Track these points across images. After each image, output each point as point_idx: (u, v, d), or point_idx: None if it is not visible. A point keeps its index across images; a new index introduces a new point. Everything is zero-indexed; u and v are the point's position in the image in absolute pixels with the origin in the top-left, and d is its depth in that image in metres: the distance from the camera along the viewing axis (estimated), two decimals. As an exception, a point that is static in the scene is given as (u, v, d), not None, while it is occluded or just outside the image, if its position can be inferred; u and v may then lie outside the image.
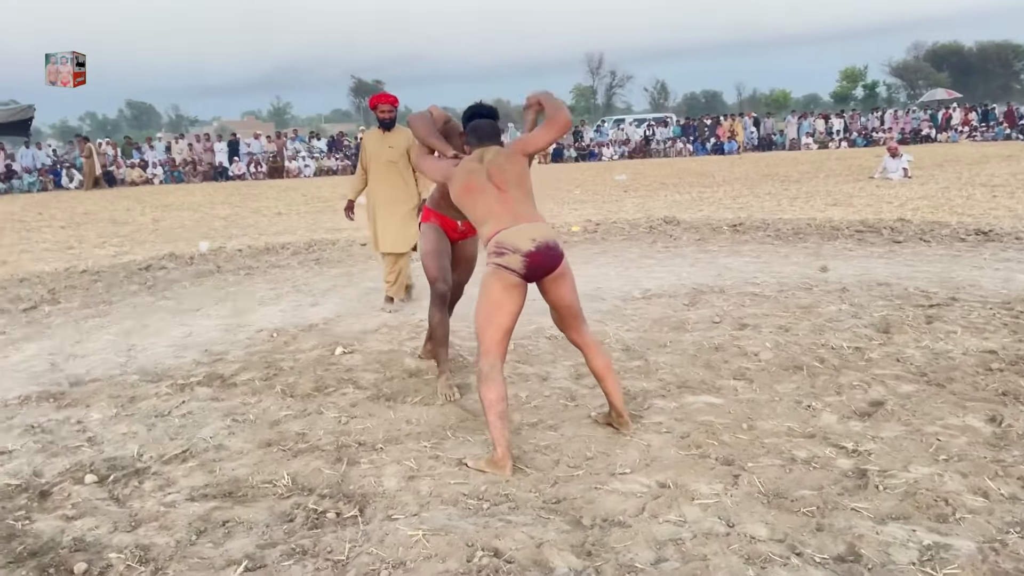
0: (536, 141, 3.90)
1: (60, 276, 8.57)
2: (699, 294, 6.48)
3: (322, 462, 3.44)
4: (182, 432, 3.87)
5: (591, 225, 11.11)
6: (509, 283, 3.47)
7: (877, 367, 4.50)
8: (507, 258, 3.46)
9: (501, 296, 3.47)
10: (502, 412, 3.36)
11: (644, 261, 8.30)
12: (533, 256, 3.46)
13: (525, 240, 3.47)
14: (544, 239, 3.50)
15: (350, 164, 28.47)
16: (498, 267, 3.47)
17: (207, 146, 28.02)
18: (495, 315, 3.47)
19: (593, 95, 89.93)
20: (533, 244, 3.46)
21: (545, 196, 16.18)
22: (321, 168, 28.11)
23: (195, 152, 27.98)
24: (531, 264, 3.46)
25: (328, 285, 7.66)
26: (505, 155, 3.78)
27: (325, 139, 31.19)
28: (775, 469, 3.25)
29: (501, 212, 3.57)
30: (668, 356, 4.81)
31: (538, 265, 3.48)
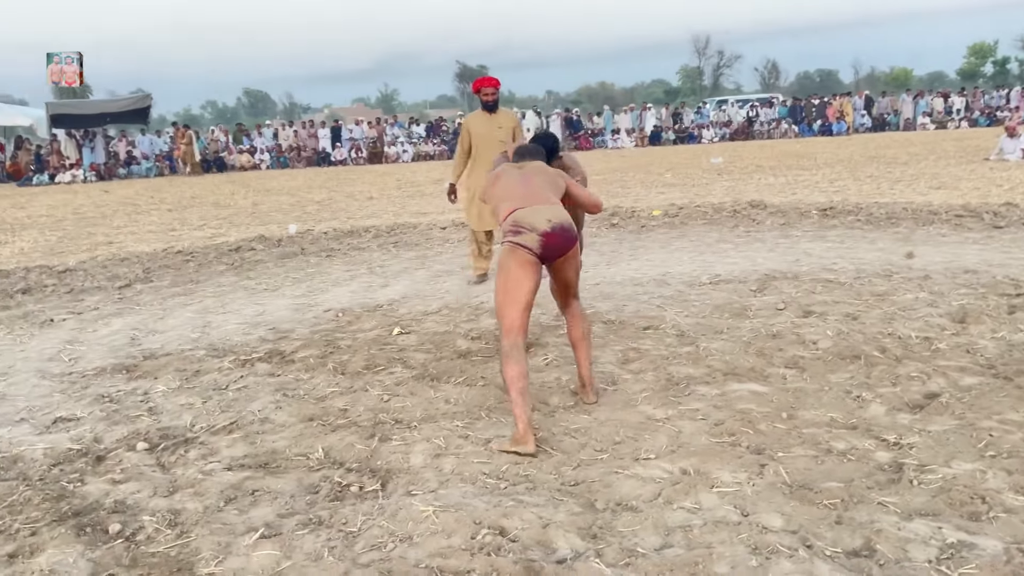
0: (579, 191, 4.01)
1: (157, 256, 9.05)
2: (770, 280, 6.30)
3: (356, 437, 3.54)
4: (234, 405, 4.05)
5: (674, 209, 10.92)
6: (525, 260, 3.55)
7: (942, 358, 4.28)
8: (524, 236, 3.54)
9: (519, 273, 3.54)
10: (523, 388, 3.39)
11: (721, 246, 8.11)
12: (549, 236, 3.54)
13: (542, 220, 3.55)
14: (560, 221, 3.58)
15: (447, 149, 28.84)
16: (514, 245, 3.55)
17: (311, 132, 28.91)
18: (514, 292, 3.53)
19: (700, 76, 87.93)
20: (549, 225, 3.54)
21: (634, 180, 16.01)
22: (419, 153, 28.58)
23: (300, 138, 28.91)
24: (547, 244, 3.55)
25: (401, 267, 7.81)
26: (555, 172, 3.95)
27: (424, 124, 31.64)
28: (806, 460, 3.15)
29: (521, 193, 3.70)
30: (722, 343, 4.70)
31: (554, 245, 3.57)
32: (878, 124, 32.48)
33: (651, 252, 7.97)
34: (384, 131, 29.72)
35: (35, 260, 9.31)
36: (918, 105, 32.56)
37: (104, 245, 10.42)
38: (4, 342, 5.61)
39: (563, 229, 3.57)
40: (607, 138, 31.68)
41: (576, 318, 3.92)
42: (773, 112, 34.31)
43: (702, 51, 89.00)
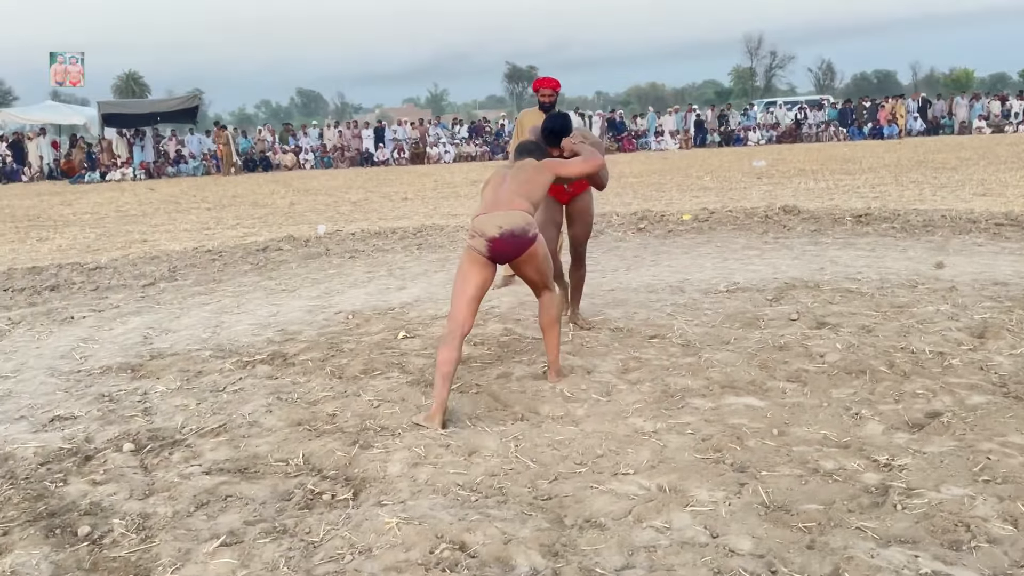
0: (569, 169, 4.42)
1: (186, 255, 9.19)
2: (789, 289, 6.14)
3: (339, 444, 3.53)
4: (227, 407, 4.07)
5: (705, 213, 10.75)
6: (476, 260, 3.96)
7: (953, 375, 4.12)
8: (475, 241, 3.95)
9: (468, 270, 3.97)
10: (446, 373, 3.76)
11: (746, 252, 7.95)
12: (496, 242, 3.91)
13: (493, 227, 3.90)
14: (510, 227, 3.90)
15: (488, 150, 28.87)
16: (468, 247, 4.01)
17: (355, 133, 29.18)
18: (462, 286, 3.95)
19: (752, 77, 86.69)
20: (499, 231, 3.89)
21: (671, 183, 15.83)
22: (460, 154, 28.66)
23: (344, 139, 29.20)
24: (494, 248, 3.92)
25: (421, 270, 7.81)
26: (534, 166, 4.28)
27: (467, 125, 31.73)
28: (790, 480, 3.04)
29: (489, 200, 4.07)
30: (726, 354, 4.59)
31: (500, 250, 3.94)
32: (932, 128, 31.65)
33: (673, 258, 7.85)
34: (427, 132, 29.87)
35: (70, 257, 9.54)
36: (974, 108, 31.65)
37: (139, 243, 10.63)
38: (24, 339, 5.73)
39: (512, 235, 3.90)
40: (650, 140, 31.39)
41: (544, 307, 4.24)
42: (822, 115, 33.66)
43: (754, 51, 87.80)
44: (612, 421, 3.70)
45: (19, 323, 6.19)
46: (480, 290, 3.97)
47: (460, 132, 30.94)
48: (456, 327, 3.88)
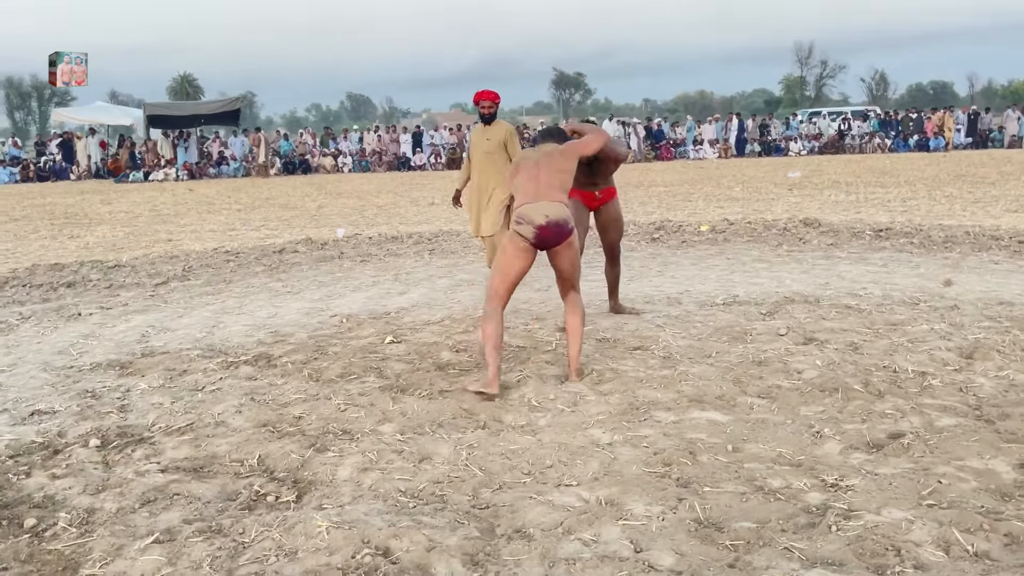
0: (588, 146, 4.70)
1: (204, 255, 9.38)
2: (786, 303, 6.07)
3: (297, 446, 3.58)
4: (200, 407, 4.15)
5: (724, 224, 10.65)
6: (520, 247, 4.28)
7: (929, 395, 4.04)
8: (523, 227, 4.23)
9: (513, 255, 4.30)
10: (496, 344, 4.20)
11: (755, 265, 7.87)
12: (543, 230, 4.22)
13: (540, 216, 4.22)
14: (555, 217, 4.23)
15: (526, 156, 28.90)
16: (515, 233, 4.27)
17: (393, 137, 29.47)
18: (505, 269, 4.31)
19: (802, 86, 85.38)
20: (546, 220, 4.21)
21: (700, 193, 15.71)
22: (497, 160, 28.70)
23: (383, 143, 29.50)
24: (540, 236, 4.23)
25: (427, 275, 7.87)
26: (560, 153, 4.54)
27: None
28: (731, 497, 3.01)
29: (529, 189, 4.36)
30: (703, 367, 4.55)
31: (546, 237, 4.24)
32: (981, 141, 30.92)
33: (681, 269, 7.79)
34: (465, 137, 29.99)
35: (95, 255, 9.79)
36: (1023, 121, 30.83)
37: (163, 242, 10.87)
38: (28, 334, 5.91)
39: (557, 225, 4.22)
40: (689, 148, 31.17)
41: (570, 308, 4.48)
42: (867, 126, 33.09)
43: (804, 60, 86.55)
44: (571, 432, 3.70)
45: (29, 318, 6.38)
46: (521, 275, 4.35)
47: (498, 138, 30.99)
48: (497, 305, 4.30)
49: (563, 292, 4.54)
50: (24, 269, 8.66)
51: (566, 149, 4.59)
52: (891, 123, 33.04)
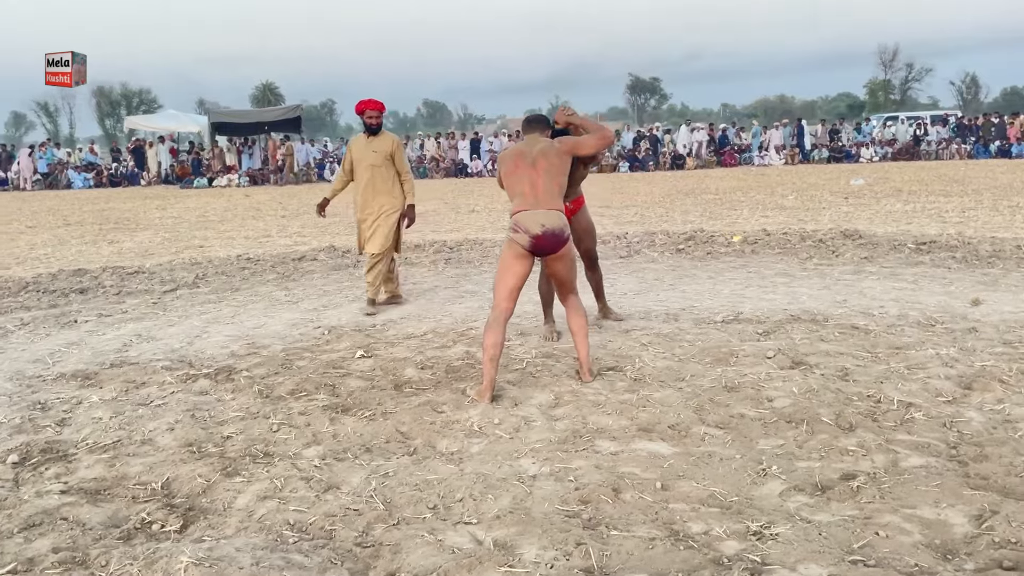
0: (587, 145, 4.67)
1: (224, 262, 9.41)
2: (789, 323, 5.69)
3: (209, 469, 3.43)
4: (135, 423, 4.05)
5: (760, 235, 10.19)
6: (518, 253, 4.37)
7: (906, 430, 3.66)
8: (519, 236, 4.33)
9: (511, 262, 4.39)
10: (493, 356, 4.23)
11: (775, 280, 7.45)
12: (538, 239, 4.31)
13: (536, 225, 4.30)
14: (551, 227, 4.32)
15: (584, 162, 28.60)
16: (512, 241, 4.38)
17: (452, 144, 29.50)
18: (504, 276, 4.39)
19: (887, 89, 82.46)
20: (541, 229, 4.30)
21: (749, 201, 15.20)
22: (555, 166, 28.43)
23: (442, 149, 29.57)
24: (536, 245, 4.33)
25: (431, 285, 7.71)
26: (555, 150, 4.53)
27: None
28: (637, 543, 2.73)
29: (528, 195, 4.41)
30: (669, 392, 4.25)
31: (541, 247, 4.35)
32: (1069, 147, 29.22)
33: (695, 283, 7.43)
34: (523, 143, 29.83)
35: (125, 261, 9.94)
36: (1116, 126, 29.03)
37: (193, 248, 10.99)
38: (18, 340, 5.95)
39: (552, 234, 4.31)
40: (754, 155, 30.36)
41: (571, 311, 4.58)
42: (946, 131, 31.68)
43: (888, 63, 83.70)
44: (498, 462, 3.46)
45: (27, 324, 6.45)
46: (520, 280, 4.41)
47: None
48: (500, 313, 4.34)
49: (562, 297, 4.64)
50: (48, 274, 8.82)
51: (561, 148, 4.55)
52: (971, 128, 31.55)
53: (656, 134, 32.27)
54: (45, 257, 10.61)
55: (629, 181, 23.10)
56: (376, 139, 6.61)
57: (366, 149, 6.59)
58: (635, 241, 10.09)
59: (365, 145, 6.61)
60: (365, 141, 6.63)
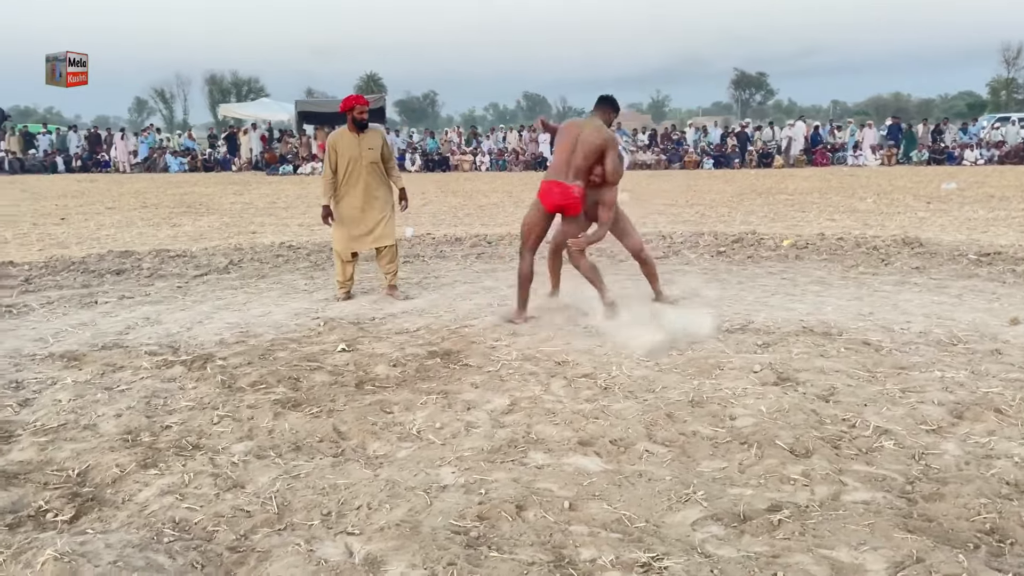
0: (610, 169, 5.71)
1: (264, 249, 9.55)
2: (798, 335, 5.34)
3: (130, 459, 3.42)
4: (90, 407, 4.09)
5: (814, 239, 9.70)
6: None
7: (866, 460, 3.36)
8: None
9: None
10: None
11: (808, 288, 7.05)
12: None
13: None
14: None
15: (665, 159, 28.06)
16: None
17: (533, 137, 29.36)
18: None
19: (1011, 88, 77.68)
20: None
21: (823, 203, 14.56)
22: (634, 162, 27.98)
23: (524, 142, 29.47)
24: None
25: (451, 280, 7.62)
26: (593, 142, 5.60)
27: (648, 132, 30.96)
28: (512, 566, 2.56)
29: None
30: (630, 404, 4.03)
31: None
32: None
33: (721, 288, 7.09)
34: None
35: (178, 244, 10.22)
36: None
37: (246, 234, 11.22)
38: (34, 319, 6.15)
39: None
40: (848, 154, 29.11)
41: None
42: (1062, 133, 29.62)
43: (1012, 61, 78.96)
44: (418, 469, 3.33)
45: (51, 304, 6.67)
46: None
47: (641, 139, 30.26)
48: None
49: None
50: (97, 255, 9.14)
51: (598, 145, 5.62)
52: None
53: (747, 131, 31.32)
54: (106, 238, 11.01)
55: (708, 179, 22.48)
56: (366, 136, 6.56)
57: (359, 148, 6.54)
58: (678, 242, 9.75)
59: (357, 143, 6.54)
60: (355, 138, 6.55)
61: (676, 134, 31.47)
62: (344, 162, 6.54)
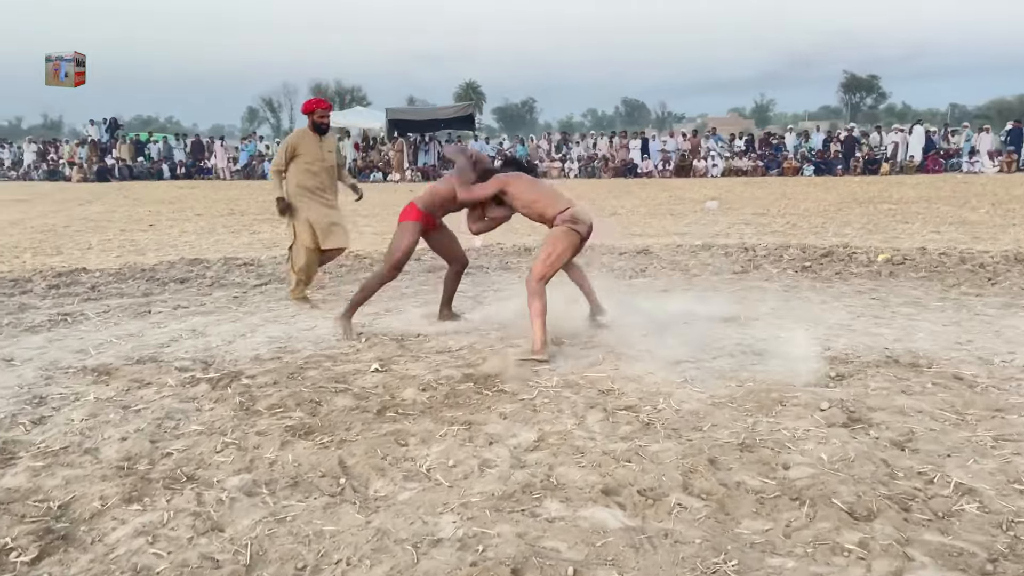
0: None
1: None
2: (878, 366, 4.76)
3: (117, 491, 3.19)
4: (100, 429, 3.91)
5: (913, 254, 8.91)
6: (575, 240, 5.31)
7: (937, 530, 2.82)
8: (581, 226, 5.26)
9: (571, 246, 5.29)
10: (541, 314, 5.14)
11: (898, 310, 6.38)
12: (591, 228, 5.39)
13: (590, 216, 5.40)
14: None
15: (762, 164, 27.01)
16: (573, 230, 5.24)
17: (622, 143, 28.77)
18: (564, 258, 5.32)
19: None
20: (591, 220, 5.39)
21: (929, 214, 13.57)
22: (730, 168, 27.05)
23: (613, 148, 28.92)
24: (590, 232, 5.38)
25: (511, 294, 7.26)
26: None
27: (745, 138, 29.91)
28: (488, 653, 2.18)
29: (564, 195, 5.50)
30: (673, 445, 3.58)
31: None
32: None
33: (800, 308, 6.50)
34: (699, 143, 28.62)
35: (251, 252, 10.22)
36: None
37: (317, 243, 11.14)
38: (83, 328, 6.12)
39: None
40: (963, 160, 27.36)
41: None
42: None
43: None
44: (416, 516, 2.99)
45: (107, 312, 6.65)
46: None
47: (738, 145, 29.26)
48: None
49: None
50: (167, 262, 9.20)
51: None
52: None
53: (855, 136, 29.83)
54: (185, 245, 11.14)
55: (806, 186, 21.45)
56: (327, 139, 6.76)
57: (320, 150, 6.71)
58: (761, 255, 9.12)
59: (319, 145, 6.70)
60: (317, 140, 6.70)
61: (775, 139, 30.30)
62: (306, 162, 6.67)
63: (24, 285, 7.89)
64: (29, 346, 5.56)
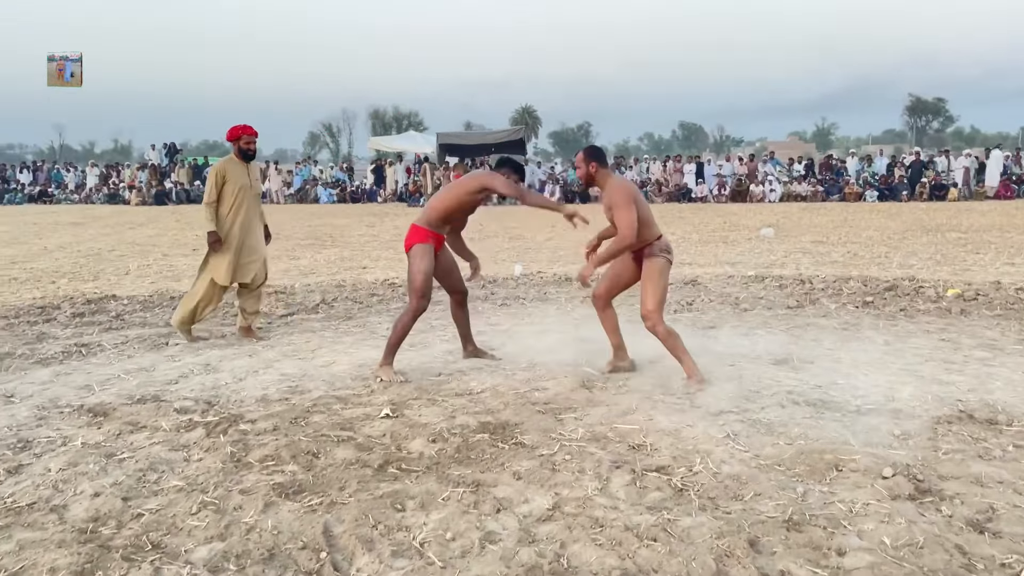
0: None
1: (365, 287, 9.13)
2: (950, 423, 4.19)
3: (68, 563, 2.83)
4: (75, 481, 3.57)
5: (988, 289, 8.23)
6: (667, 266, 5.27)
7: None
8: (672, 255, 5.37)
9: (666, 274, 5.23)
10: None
11: (971, 353, 5.76)
12: None
13: None
14: None
15: (822, 190, 26.15)
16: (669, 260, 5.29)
17: (676, 167, 28.16)
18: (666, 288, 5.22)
19: None
20: None
21: (1005, 243, 12.77)
22: (789, 193, 26.22)
23: (667, 172, 28.34)
24: None
25: (543, 328, 6.84)
26: None
27: (804, 162, 29.04)
28: None
29: None
30: (708, 520, 3.09)
31: None
32: None
33: (861, 350, 5.91)
34: (757, 168, 27.85)
35: (286, 278, 9.98)
36: None
37: (354, 270, 10.90)
38: (96, 361, 5.87)
39: None
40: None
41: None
42: None
43: None
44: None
45: (124, 344, 6.40)
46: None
47: (797, 169, 28.42)
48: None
49: None
50: (198, 290, 8.98)
51: None
52: None
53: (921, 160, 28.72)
54: (222, 271, 10.95)
55: (869, 213, 20.60)
56: (252, 167, 6.60)
57: (246, 177, 6.54)
58: (819, 288, 8.53)
59: (244, 172, 6.53)
60: (243, 168, 6.53)
61: (836, 163, 29.37)
62: (234, 190, 6.44)
63: (50, 313, 7.74)
64: (34, 380, 5.32)
